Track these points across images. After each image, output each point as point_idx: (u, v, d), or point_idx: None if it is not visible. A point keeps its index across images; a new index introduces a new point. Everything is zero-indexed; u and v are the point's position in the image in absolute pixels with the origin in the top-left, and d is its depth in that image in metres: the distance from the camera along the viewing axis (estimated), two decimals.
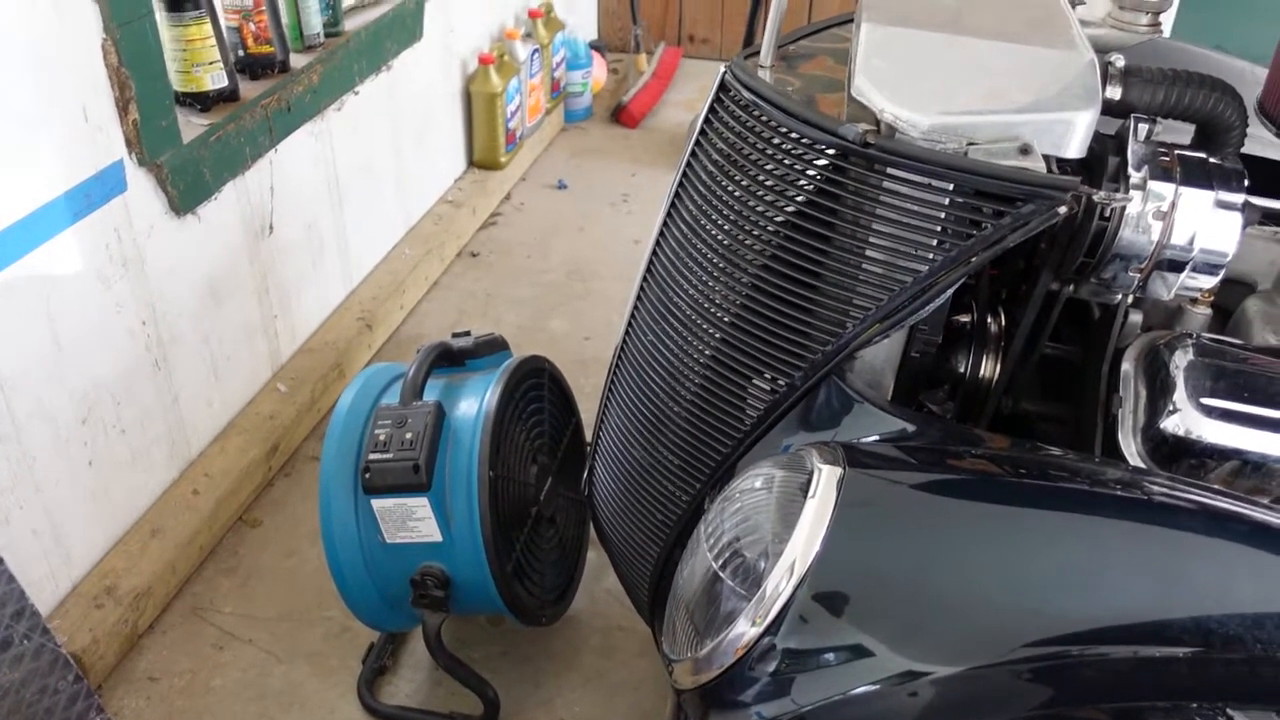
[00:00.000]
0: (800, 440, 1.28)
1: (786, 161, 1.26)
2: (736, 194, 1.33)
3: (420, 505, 1.61)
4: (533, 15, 3.70)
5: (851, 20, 1.52)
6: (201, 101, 2.16)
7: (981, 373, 1.42)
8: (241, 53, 2.31)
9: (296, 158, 2.46)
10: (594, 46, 4.23)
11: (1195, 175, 1.19)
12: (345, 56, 2.59)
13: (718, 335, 1.35)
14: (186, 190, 2.06)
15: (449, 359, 1.83)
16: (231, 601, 2.05)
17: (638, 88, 4.13)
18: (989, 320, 1.45)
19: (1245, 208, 1.20)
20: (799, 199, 1.26)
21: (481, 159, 3.49)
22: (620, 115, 4.07)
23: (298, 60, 2.44)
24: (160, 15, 1.99)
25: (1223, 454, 1.15)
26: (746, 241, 1.30)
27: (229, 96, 2.21)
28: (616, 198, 3.56)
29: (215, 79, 2.16)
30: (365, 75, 2.72)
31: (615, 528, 1.58)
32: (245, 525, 2.22)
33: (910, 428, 1.21)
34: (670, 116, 4.13)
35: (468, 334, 1.87)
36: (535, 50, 3.62)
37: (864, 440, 1.21)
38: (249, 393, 2.39)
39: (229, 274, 2.26)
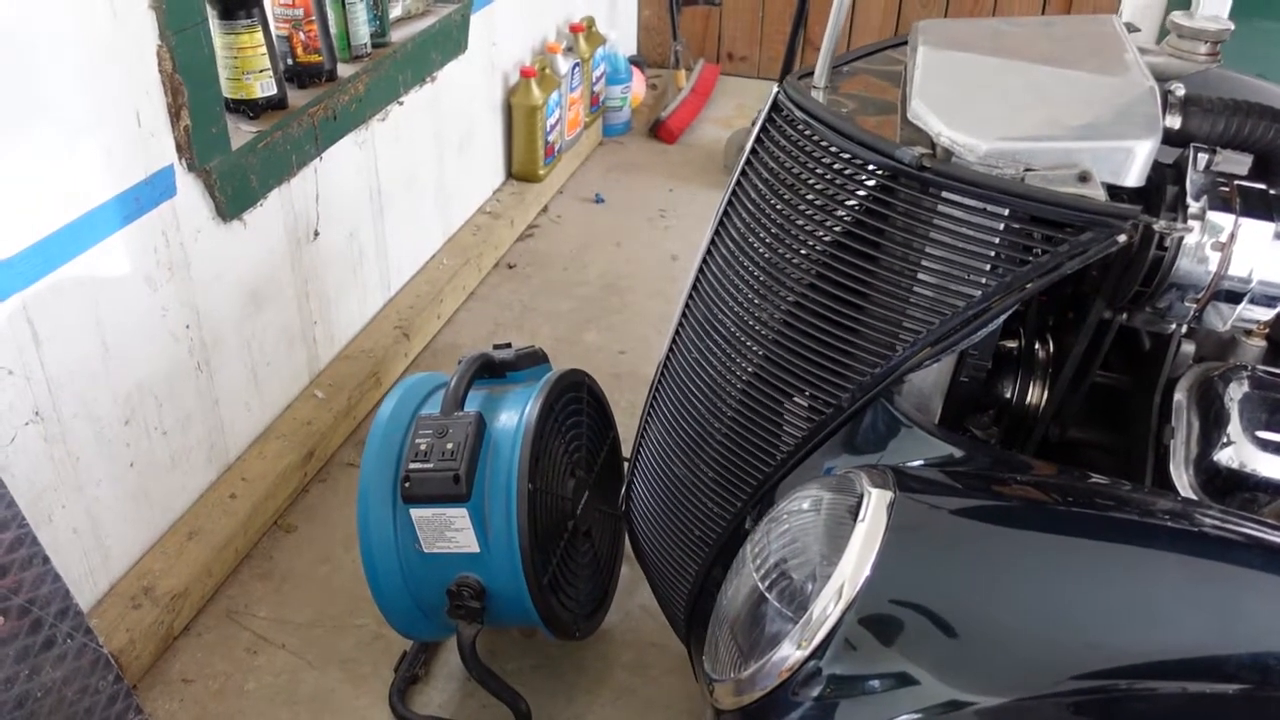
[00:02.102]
0: (844, 463, 1.27)
1: (838, 182, 1.26)
2: (786, 213, 1.33)
3: (459, 516, 1.61)
4: (574, 29, 3.72)
5: (905, 43, 1.51)
6: (251, 109, 2.18)
7: (1029, 399, 1.41)
8: (290, 61, 2.33)
9: (341, 166, 2.49)
10: (634, 62, 4.25)
11: (1255, 206, 1.18)
12: (391, 67, 2.61)
13: (762, 353, 1.34)
14: (234, 196, 2.08)
15: (490, 370, 1.83)
16: (266, 606, 2.06)
17: (676, 104, 4.14)
18: (1037, 347, 1.44)
19: None
20: (849, 220, 1.26)
21: (520, 171, 3.51)
22: (658, 131, 4.08)
23: (345, 70, 2.46)
24: (213, 23, 2.02)
25: (1277, 488, 1.14)
26: (794, 260, 1.30)
27: (277, 104, 2.23)
28: (654, 213, 3.56)
29: (265, 87, 2.18)
30: (410, 86, 2.74)
31: (652, 544, 1.58)
32: (281, 530, 2.23)
33: (959, 453, 1.20)
34: (708, 133, 4.13)
35: (508, 346, 1.88)
36: (576, 64, 3.64)
37: (911, 465, 1.20)
38: (287, 398, 2.41)
39: (271, 280, 2.28)
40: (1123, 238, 1.09)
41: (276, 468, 2.24)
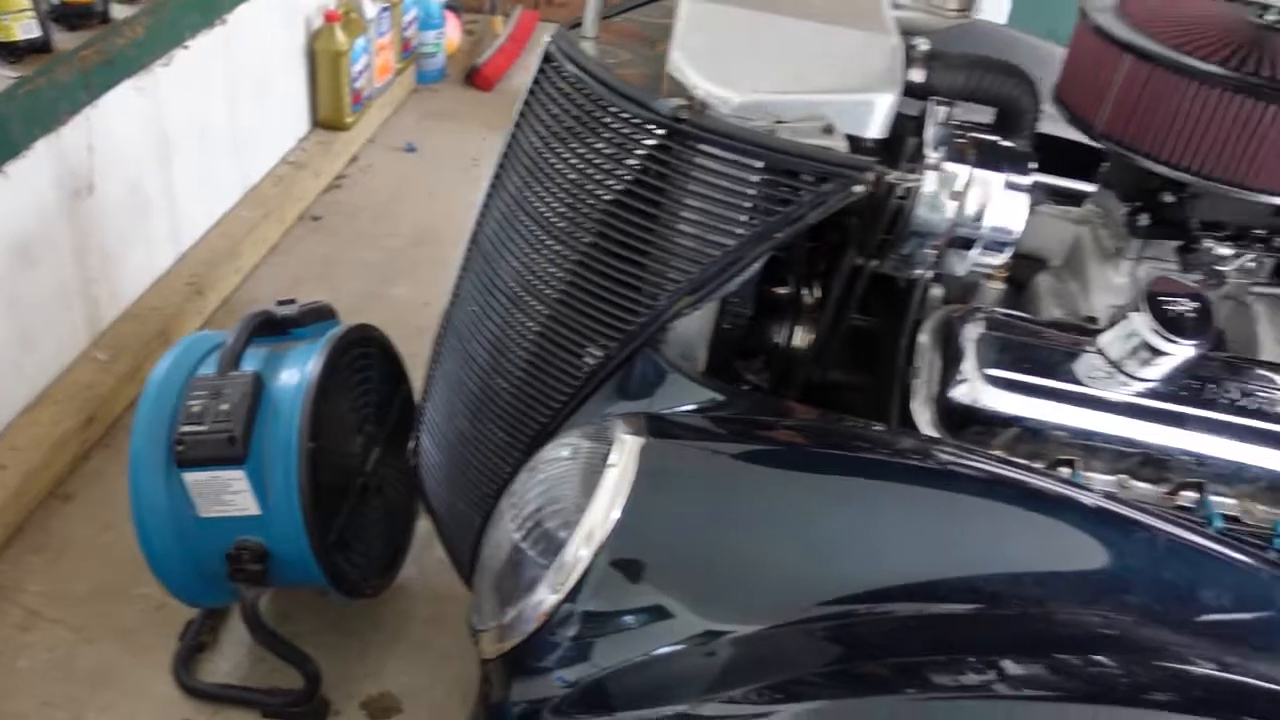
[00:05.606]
0: (618, 411, 1.29)
1: (606, 135, 1.27)
2: (559, 167, 1.33)
3: (236, 478, 1.57)
4: None
5: None
6: (10, 52, 2.04)
7: (794, 343, 1.46)
8: (57, 1, 2.18)
9: (120, 114, 2.34)
10: (448, 7, 4.14)
11: (988, 157, 1.24)
12: (174, 8, 2.47)
13: (543, 309, 1.35)
14: None
15: (272, 328, 1.78)
16: (39, 580, 1.95)
17: (493, 50, 4.07)
18: (804, 293, 1.49)
19: (1034, 188, 1.26)
20: (619, 172, 1.27)
21: (326, 119, 3.39)
22: (474, 78, 4.01)
23: (120, 11, 2.32)
24: None
25: (1005, 421, 1.22)
26: (569, 215, 1.30)
27: (41, 47, 2.09)
28: (468, 162, 3.50)
29: (26, 28, 2.04)
30: (197, 29, 2.60)
31: (440, 498, 1.57)
32: (57, 499, 2.12)
33: (719, 398, 1.24)
34: (525, 80, 4.06)
35: (293, 302, 1.82)
36: (385, 9, 3.53)
37: (675, 410, 1.23)
38: (64, 361, 2.27)
39: (42, 235, 2.14)
40: (860, 188, 1.14)
41: (52, 435, 2.12)
